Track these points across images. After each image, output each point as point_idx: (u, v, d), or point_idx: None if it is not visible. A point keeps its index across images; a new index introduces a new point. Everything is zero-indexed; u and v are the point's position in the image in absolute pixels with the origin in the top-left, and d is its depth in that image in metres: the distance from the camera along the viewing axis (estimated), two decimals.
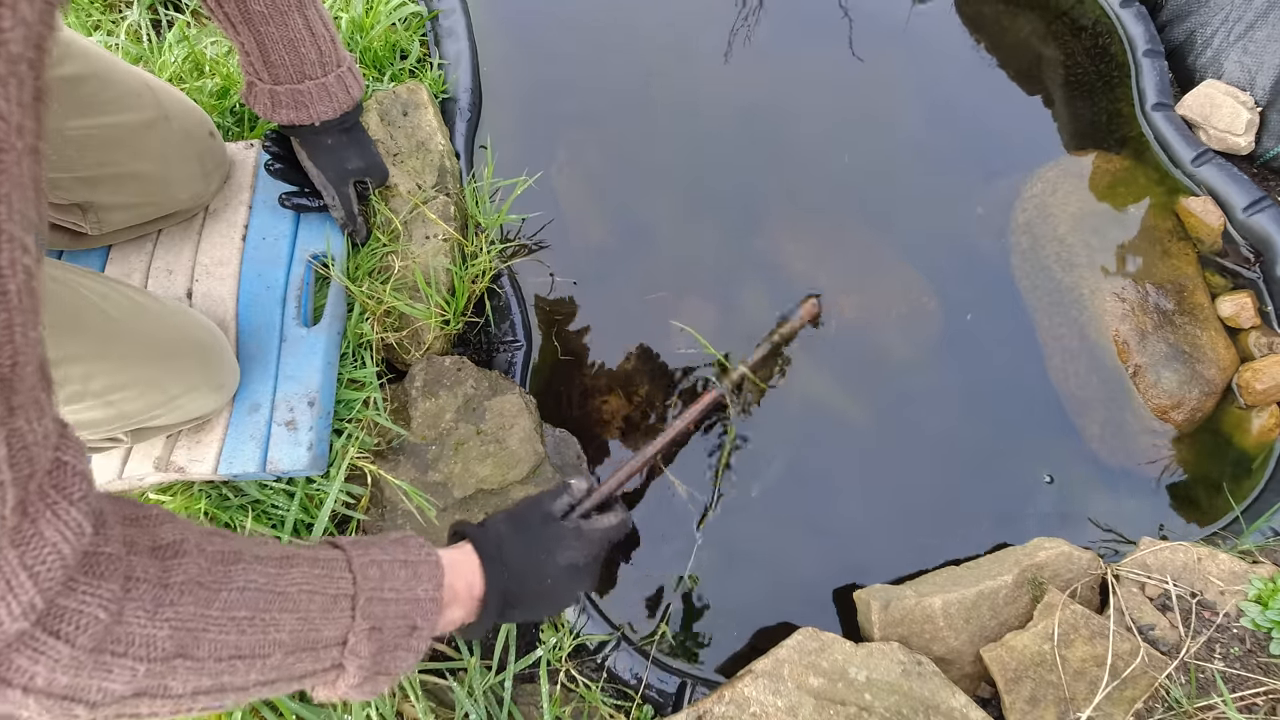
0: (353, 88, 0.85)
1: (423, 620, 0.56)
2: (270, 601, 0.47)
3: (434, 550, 0.60)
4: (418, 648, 0.56)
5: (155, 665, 0.40)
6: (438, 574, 0.58)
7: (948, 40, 1.31)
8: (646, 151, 1.19)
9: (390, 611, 0.54)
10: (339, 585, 0.51)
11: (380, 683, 0.55)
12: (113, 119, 0.80)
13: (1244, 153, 1.19)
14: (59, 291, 0.65)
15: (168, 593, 0.41)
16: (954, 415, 1.04)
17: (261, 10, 0.74)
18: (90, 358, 0.66)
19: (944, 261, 1.13)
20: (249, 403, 0.87)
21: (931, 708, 0.76)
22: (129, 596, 0.38)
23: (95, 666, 0.37)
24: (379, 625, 0.53)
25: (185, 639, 0.41)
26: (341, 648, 0.51)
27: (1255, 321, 1.07)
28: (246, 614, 0.45)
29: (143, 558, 0.40)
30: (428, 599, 0.56)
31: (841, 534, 0.98)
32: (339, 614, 0.51)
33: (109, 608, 0.36)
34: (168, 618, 0.40)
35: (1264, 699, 0.77)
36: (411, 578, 0.56)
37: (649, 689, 0.87)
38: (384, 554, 0.56)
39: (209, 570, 0.44)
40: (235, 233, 0.95)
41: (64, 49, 0.75)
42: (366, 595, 0.52)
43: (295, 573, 0.49)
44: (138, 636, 0.38)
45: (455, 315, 0.99)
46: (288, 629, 0.47)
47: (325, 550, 0.54)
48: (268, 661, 0.46)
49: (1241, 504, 1.00)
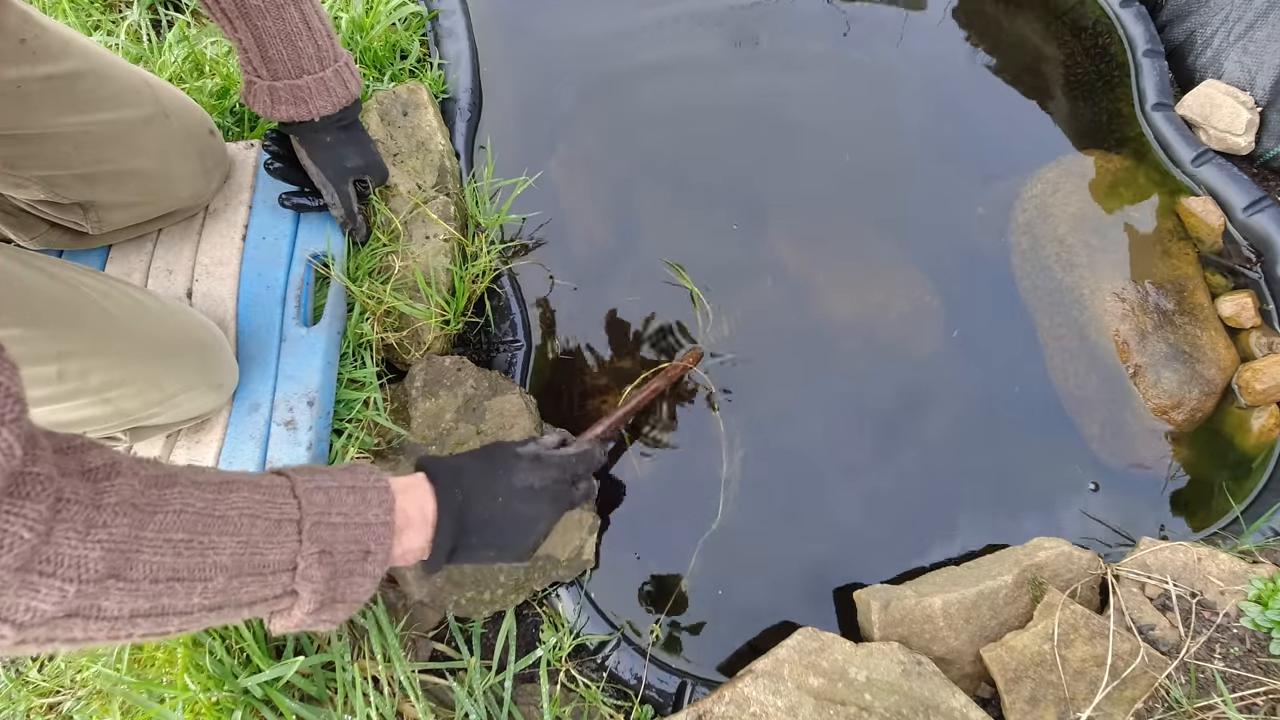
0: (351, 83, 0.85)
1: (375, 545, 0.56)
2: (209, 524, 0.46)
3: (384, 476, 0.60)
4: (374, 573, 0.56)
5: (86, 586, 0.40)
6: (387, 498, 0.58)
7: (948, 40, 1.31)
8: (647, 151, 1.19)
9: (339, 535, 0.53)
10: (283, 510, 0.51)
11: (338, 610, 0.54)
12: (111, 115, 0.80)
13: (1244, 153, 1.19)
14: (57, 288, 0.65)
15: (100, 514, 0.41)
16: (954, 415, 1.04)
17: (258, 4, 0.75)
18: (88, 353, 0.66)
19: (945, 261, 1.13)
20: (248, 402, 0.87)
21: (931, 708, 0.76)
22: (59, 518, 0.38)
23: (21, 585, 0.37)
24: (328, 549, 0.52)
25: (118, 560, 0.41)
26: (291, 573, 0.51)
27: (1255, 321, 1.07)
28: (183, 536, 0.45)
29: (73, 480, 0.40)
30: (378, 523, 0.56)
31: (842, 534, 0.98)
32: (284, 538, 0.50)
33: (35, 528, 0.36)
34: (100, 539, 0.40)
35: (1264, 699, 0.76)
36: (360, 502, 0.56)
37: (649, 689, 0.87)
38: (331, 480, 0.56)
39: (143, 493, 0.44)
40: (235, 232, 0.95)
41: (62, 45, 0.75)
42: (313, 520, 0.52)
43: (235, 497, 0.49)
44: (67, 557, 0.39)
45: (455, 315, 0.99)
46: (228, 552, 0.47)
47: (268, 477, 0.54)
48: (210, 585, 0.46)
49: (1241, 504, 1.00)
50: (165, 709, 0.78)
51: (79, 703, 0.85)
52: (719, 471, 0.99)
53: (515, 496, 0.70)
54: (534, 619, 0.91)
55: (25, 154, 0.76)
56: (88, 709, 0.84)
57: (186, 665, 0.79)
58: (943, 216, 1.16)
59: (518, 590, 0.88)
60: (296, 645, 0.84)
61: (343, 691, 0.81)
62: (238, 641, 0.81)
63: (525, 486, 0.71)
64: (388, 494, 0.58)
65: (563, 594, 0.90)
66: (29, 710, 0.87)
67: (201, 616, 0.47)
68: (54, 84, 0.75)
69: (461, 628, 0.88)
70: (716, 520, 0.95)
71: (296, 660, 0.78)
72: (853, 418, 1.04)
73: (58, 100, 0.75)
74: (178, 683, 0.79)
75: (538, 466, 0.73)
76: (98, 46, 0.82)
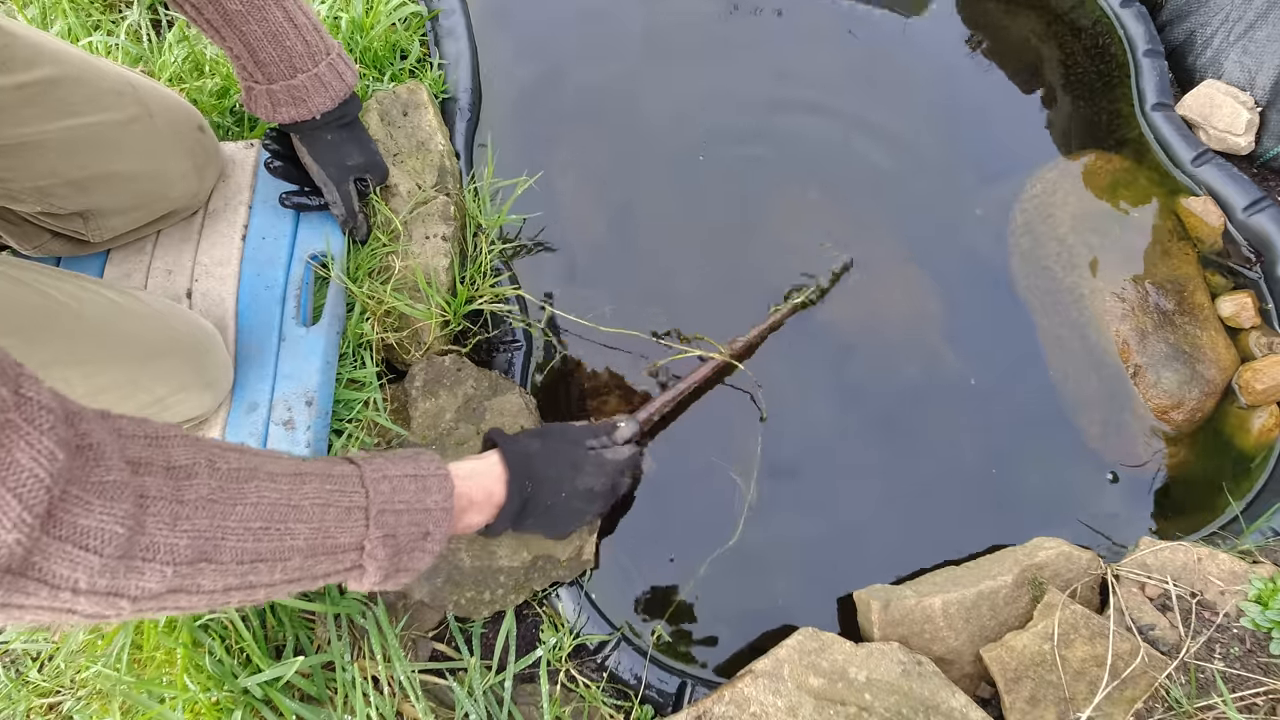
0: (345, 74, 0.85)
1: (434, 526, 0.62)
2: (285, 514, 0.52)
3: (444, 465, 0.66)
4: (433, 549, 0.62)
5: (182, 568, 0.46)
6: (447, 486, 0.64)
7: (947, 41, 1.31)
8: (647, 151, 1.19)
9: (402, 520, 0.59)
10: (351, 499, 0.57)
11: (402, 577, 0.62)
12: (93, 118, 0.80)
13: (1244, 153, 1.19)
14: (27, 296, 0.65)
15: (183, 508, 0.46)
16: (954, 415, 1.04)
17: (239, 9, 0.75)
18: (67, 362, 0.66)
19: (944, 262, 1.13)
20: (247, 402, 0.87)
21: (931, 708, 0.76)
22: (147, 512, 0.44)
23: (128, 570, 0.43)
24: (392, 533, 0.59)
25: (205, 546, 0.47)
26: (359, 552, 0.58)
27: (1256, 321, 1.07)
28: (261, 524, 0.51)
29: (157, 478, 0.46)
30: (438, 509, 0.62)
31: (841, 534, 0.98)
32: (353, 524, 0.57)
33: (125, 523, 0.42)
34: (185, 530, 0.46)
35: (1264, 699, 0.76)
36: (421, 490, 0.61)
37: (649, 689, 0.87)
38: (395, 469, 0.61)
39: (222, 488, 0.49)
40: (235, 232, 0.95)
41: (33, 53, 0.75)
42: (379, 507, 0.58)
43: (308, 488, 0.55)
44: (161, 545, 0.45)
45: (455, 315, 0.99)
46: (303, 537, 0.53)
47: (339, 466, 0.59)
48: (289, 564, 0.53)
49: (1241, 504, 1.00)
50: (165, 709, 0.78)
51: (79, 703, 0.85)
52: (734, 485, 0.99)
53: (576, 496, 0.78)
54: (534, 619, 0.91)
55: (10, 165, 0.76)
56: (88, 709, 0.84)
57: (186, 665, 0.79)
58: (942, 217, 1.16)
59: (518, 590, 0.88)
60: (296, 645, 0.84)
61: (343, 691, 0.81)
62: (237, 641, 0.81)
63: (586, 489, 0.79)
64: (448, 480, 0.64)
65: (563, 594, 0.90)
66: (29, 710, 0.87)
67: (283, 587, 0.54)
68: (28, 92, 0.74)
69: (461, 628, 0.88)
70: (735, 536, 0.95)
71: (296, 660, 0.78)
72: (852, 418, 1.04)
73: (34, 108, 0.75)
74: (178, 683, 0.79)
75: (601, 470, 0.80)
76: (73, 50, 0.81)
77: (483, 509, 0.70)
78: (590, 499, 0.80)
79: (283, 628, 0.84)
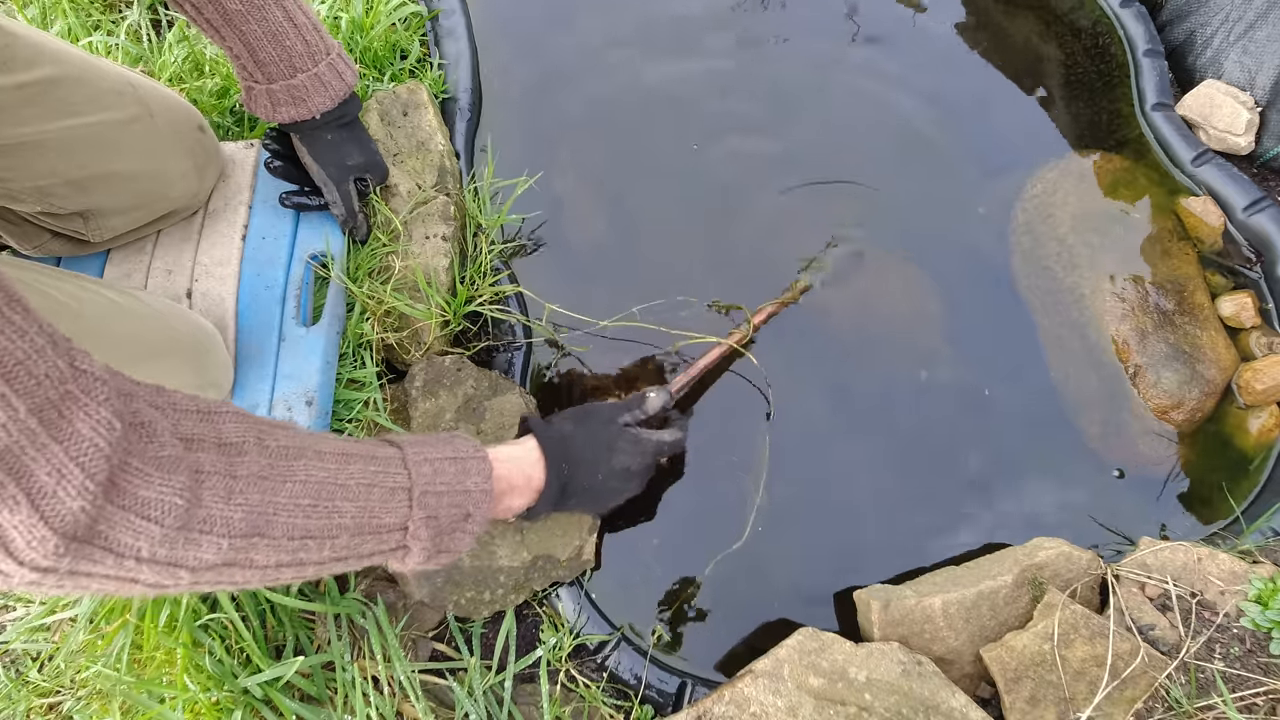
0: (345, 74, 0.85)
1: (474, 508, 0.63)
2: (333, 492, 0.54)
3: (482, 448, 0.67)
4: (474, 530, 0.64)
5: (237, 540, 0.47)
6: (485, 468, 0.65)
7: (947, 41, 1.31)
8: (647, 150, 1.19)
9: (444, 502, 0.61)
10: (395, 480, 0.59)
11: (444, 557, 0.63)
12: (93, 118, 0.80)
13: (1244, 153, 1.19)
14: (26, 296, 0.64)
15: (236, 483, 0.48)
16: (954, 415, 1.04)
17: (239, 8, 0.75)
18: None
19: (945, 261, 1.13)
20: (247, 402, 0.87)
21: (931, 708, 0.76)
22: (203, 486, 0.46)
23: (186, 541, 0.45)
24: (434, 514, 0.60)
25: (259, 520, 0.49)
26: (403, 533, 0.59)
27: (1256, 321, 1.07)
28: (310, 502, 0.52)
29: (210, 454, 0.47)
30: (478, 490, 0.64)
31: (841, 534, 0.98)
32: (396, 504, 0.58)
33: (184, 494, 0.44)
34: (239, 503, 0.47)
35: (1264, 699, 0.76)
36: (461, 473, 0.63)
37: (649, 689, 0.87)
38: (436, 452, 0.63)
39: (272, 465, 0.51)
40: (235, 232, 0.95)
41: (33, 52, 0.75)
42: (421, 489, 0.60)
43: (354, 468, 0.56)
44: (217, 518, 0.46)
45: (455, 315, 0.99)
46: (350, 515, 0.55)
47: (382, 448, 0.61)
48: (336, 542, 0.54)
49: (1241, 504, 1.00)
50: (165, 709, 0.78)
51: (79, 703, 0.85)
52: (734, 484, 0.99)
53: (613, 476, 0.80)
54: (534, 619, 0.91)
55: (10, 165, 0.76)
56: (88, 709, 0.84)
57: (186, 665, 0.79)
58: (943, 217, 1.16)
59: (518, 590, 0.88)
60: (296, 645, 0.84)
61: (343, 691, 0.81)
62: (237, 642, 0.81)
63: (623, 469, 0.80)
64: (486, 463, 0.66)
65: (563, 594, 0.90)
66: (29, 710, 0.87)
67: (332, 565, 0.56)
68: (28, 92, 0.74)
69: (461, 628, 0.88)
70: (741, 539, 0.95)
71: (296, 660, 0.78)
72: (851, 417, 1.04)
73: (34, 108, 0.75)
74: (178, 683, 0.79)
75: (637, 450, 0.81)
76: (73, 50, 0.81)
77: (523, 493, 0.72)
78: (628, 477, 0.81)
79: (283, 628, 0.84)
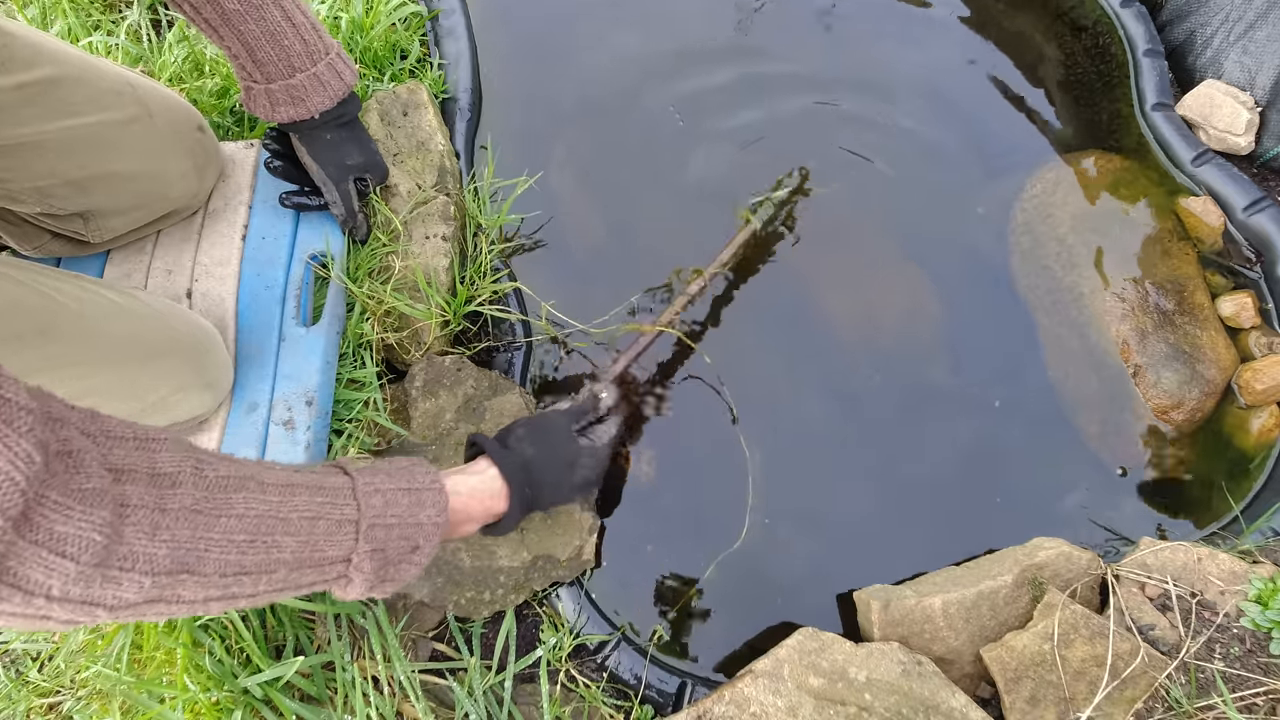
0: (344, 73, 0.85)
1: (424, 541, 0.61)
2: (273, 526, 0.51)
3: (439, 478, 0.64)
4: (421, 561, 0.62)
5: (161, 578, 0.45)
6: (441, 500, 0.63)
7: (948, 40, 1.31)
8: (646, 150, 1.19)
9: (393, 535, 0.59)
10: (343, 512, 0.56)
11: (388, 587, 0.61)
12: (92, 118, 0.80)
13: (1244, 153, 1.19)
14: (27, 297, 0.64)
15: (164, 517, 0.45)
16: (953, 415, 1.04)
17: (237, 8, 0.75)
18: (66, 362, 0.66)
19: (944, 261, 1.13)
20: (247, 402, 0.87)
21: (931, 708, 0.76)
22: (126, 521, 0.43)
23: (105, 580, 0.42)
24: (381, 547, 0.58)
25: (186, 557, 0.46)
26: (346, 564, 0.57)
27: (1256, 321, 1.07)
28: (246, 537, 0.49)
29: (139, 486, 0.45)
30: (430, 523, 0.61)
31: (842, 534, 0.98)
32: (343, 537, 0.56)
33: (103, 530, 0.41)
34: (164, 539, 0.45)
35: (1264, 699, 0.76)
36: (415, 504, 0.61)
37: (649, 689, 0.87)
38: (389, 482, 0.60)
39: (208, 498, 0.48)
40: (235, 232, 0.95)
41: (32, 53, 0.75)
42: (369, 521, 0.57)
43: (298, 500, 0.53)
44: (140, 554, 0.44)
45: (455, 315, 0.99)
46: (290, 550, 0.52)
47: (332, 476, 0.58)
48: (273, 576, 0.52)
49: (1241, 504, 1.00)
50: (165, 709, 0.78)
51: (79, 703, 0.85)
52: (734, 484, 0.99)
53: (575, 489, 0.81)
54: (534, 619, 0.91)
55: (10, 165, 0.76)
56: (88, 709, 0.84)
57: (186, 665, 0.79)
58: (943, 216, 1.16)
59: (518, 590, 0.88)
60: (296, 645, 0.84)
61: (343, 691, 0.81)
62: (237, 641, 0.81)
63: (584, 480, 0.81)
64: (442, 495, 0.63)
65: (563, 594, 0.90)
66: (29, 710, 0.87)
67: (267, 596, 0.53)
68: (28, 92, 0.74)
69: (461, 628, 0.88)
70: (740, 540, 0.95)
71: (296, 660, 0.78)
72: (851, 417, 1.04)
73: (34, 108, 0.75)
74: (178, 683, 0.79)
75: (594, 460, 0.83)
76: (72, 50, 0.81)
77: (481, 520, 0.71)
78: (588, 485, 0.83)
79: (283, 628, 0.84)
